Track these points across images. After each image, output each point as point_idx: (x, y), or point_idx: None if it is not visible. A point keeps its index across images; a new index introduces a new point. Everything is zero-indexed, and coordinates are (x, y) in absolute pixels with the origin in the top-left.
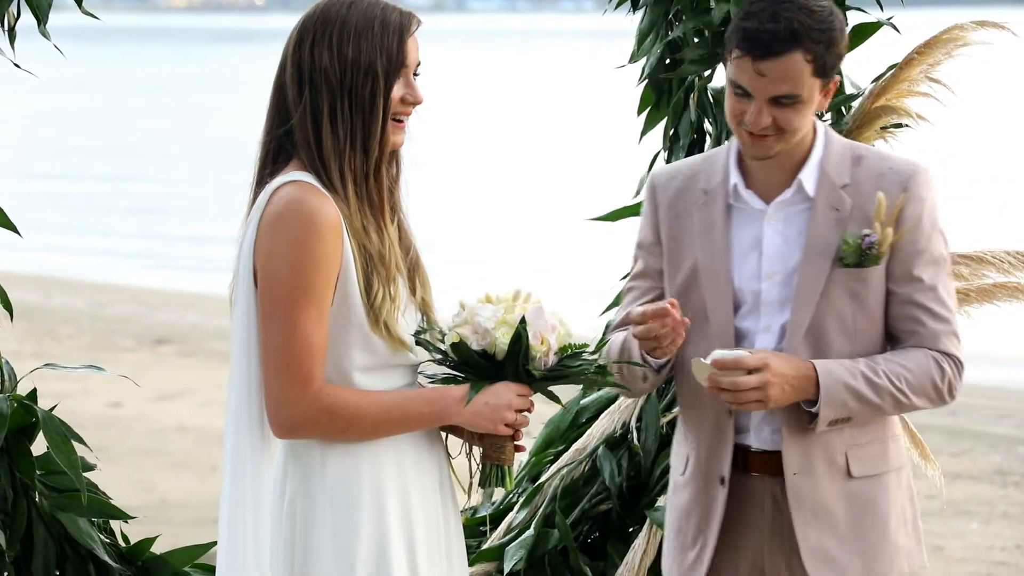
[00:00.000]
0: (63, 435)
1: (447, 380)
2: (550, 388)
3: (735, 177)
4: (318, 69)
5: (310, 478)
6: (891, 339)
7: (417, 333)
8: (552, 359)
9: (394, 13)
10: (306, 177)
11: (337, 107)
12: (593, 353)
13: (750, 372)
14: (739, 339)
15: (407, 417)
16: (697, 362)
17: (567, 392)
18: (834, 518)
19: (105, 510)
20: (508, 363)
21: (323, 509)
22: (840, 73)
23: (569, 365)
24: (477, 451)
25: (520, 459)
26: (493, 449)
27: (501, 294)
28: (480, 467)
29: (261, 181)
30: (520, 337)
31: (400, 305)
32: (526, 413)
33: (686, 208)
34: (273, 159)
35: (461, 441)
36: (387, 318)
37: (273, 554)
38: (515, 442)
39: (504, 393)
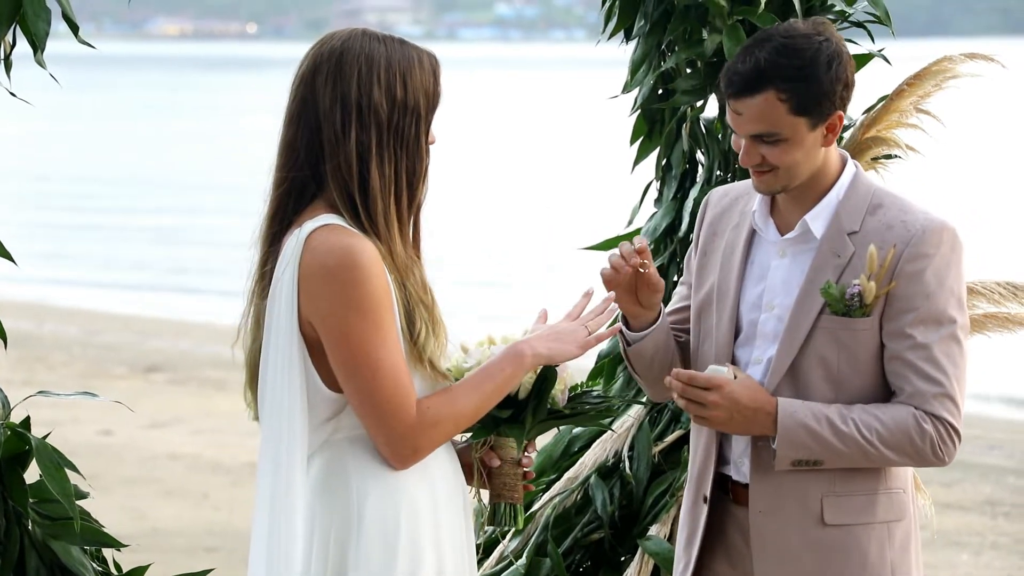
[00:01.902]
0: (56, 463)
1: (477, 434)
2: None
3: (758, 205)
4: (367, 106)
5: (347, 517)
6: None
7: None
8: (564, 398)
9: (424, 53)
10: (336, 220)
11: (384, 145)
12: (599, 394)
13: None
14: (734, 365)
15: (497, 385)
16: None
17: None
18: (798, 563)
19: (98, 538)
20: (531, 401)
21: (358, 547)
22: (842, 106)
23: (587, 402)
24: (484, 493)
25: None
26: (506, 488)
27: (507, 335)
28: (491, 506)
29: (284, 221)
30: (547, 377)
31: (444, 341)
32: (530, 453)
33: (723, 228)
34: (296, 198)
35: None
36: (431, 355)
37: None
38: (525, 480)
39: (567, 324)
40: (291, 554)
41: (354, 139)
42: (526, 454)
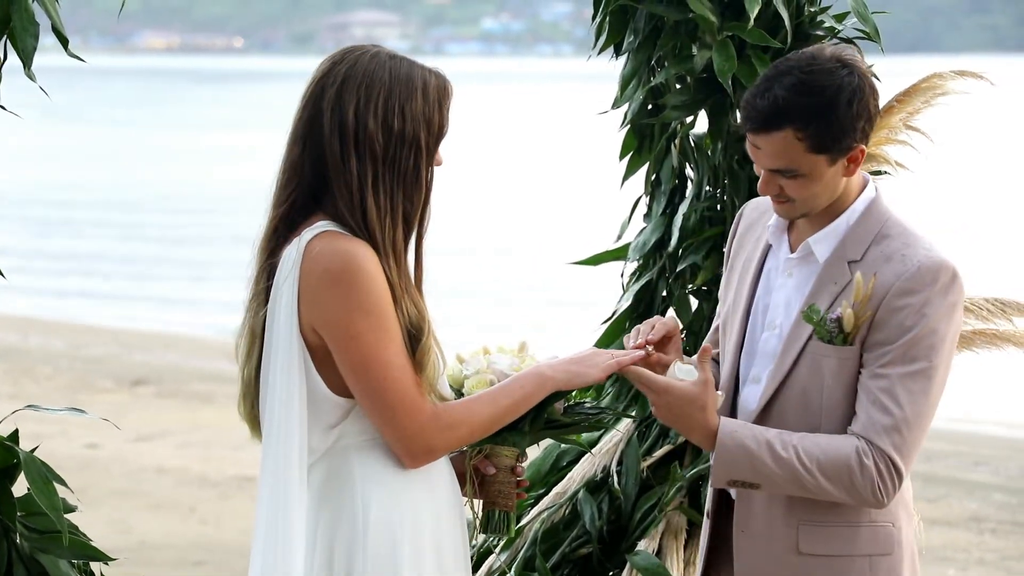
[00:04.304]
0: (44, 476)
1: (482, 443)
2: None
3: (775, 219)
4: (363, 138)
5: (352, 523)
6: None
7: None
8: (561, 406)
9: (432, 77)
10: (333, 226)
11: (380, 177)
12: (593, 402)
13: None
14: (737, 382)
15: (514, 401)
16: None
17: None
18: None
19: (86, 552)
20: (532, 410)
21: (364, 552)
22: (864, 139)
23: (583, 412)
24: (477, 503)
25: None
26: (500, 496)
27: (503, 345)
28: (484, 514)
29: (282, 237)
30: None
31: (440, 369)
32: (522, 464)
33: (747, 241)
34: (298, 213)
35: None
36: (427, 382)
37: None
38: (519, 488)
39: (591, 352)
40: (289, 561)
41: (354, 169)
42: (519, 463)
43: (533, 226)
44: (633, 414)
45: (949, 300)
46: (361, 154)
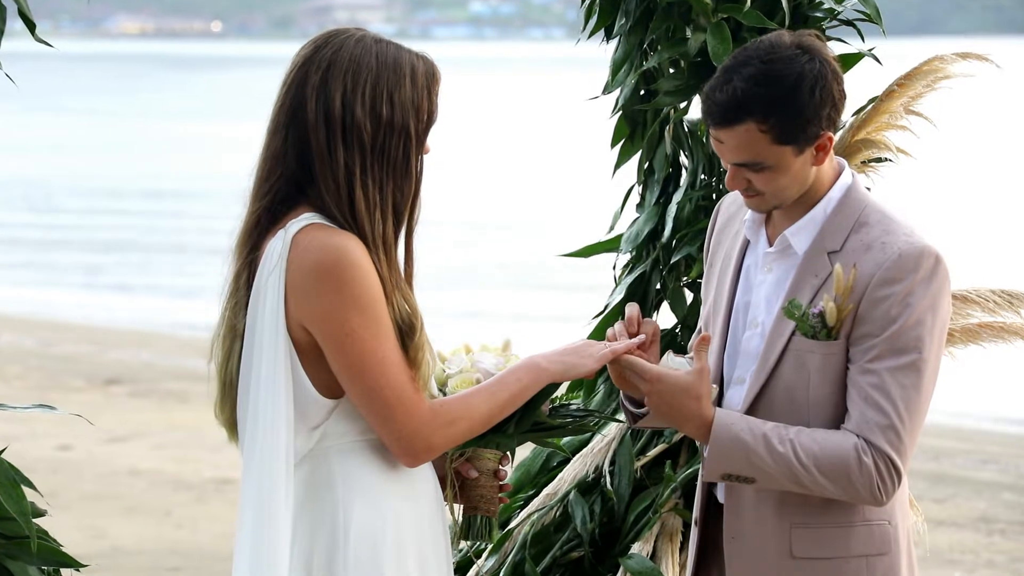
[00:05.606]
0: (13, 480)
1: (465, 446)
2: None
3: (751, 213)
4: (351, 125)
5: (333, 528)
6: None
7: None
8: (546, 408)
9: (420, 62)
10: (319, 218)
11: (368, 168)
12: (581, 403)
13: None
14: (722, 384)
15: (512, 393)
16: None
17: None
18: None
19: (56, 557)
20: (518, 411)
21: (345, 558)
22: (831, 126)
23: (569, 414)
24: (458, 509)
25: None
26: (483, 500)
27: (486, 344)
28: (465, 520)
29: (264, 230)
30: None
31: (432, 366)
32: (505, 466)
33: (725, 236)
34: (280, 204)
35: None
36: (422, 379)
37: None
38: (501, 492)
39: (584, 343)
40: (276, 564)
41: (341, 159)
42: (501, 466)
43: (522, 217)
44: (620, 418)
45: (934, 287)
46: (349, 143)
